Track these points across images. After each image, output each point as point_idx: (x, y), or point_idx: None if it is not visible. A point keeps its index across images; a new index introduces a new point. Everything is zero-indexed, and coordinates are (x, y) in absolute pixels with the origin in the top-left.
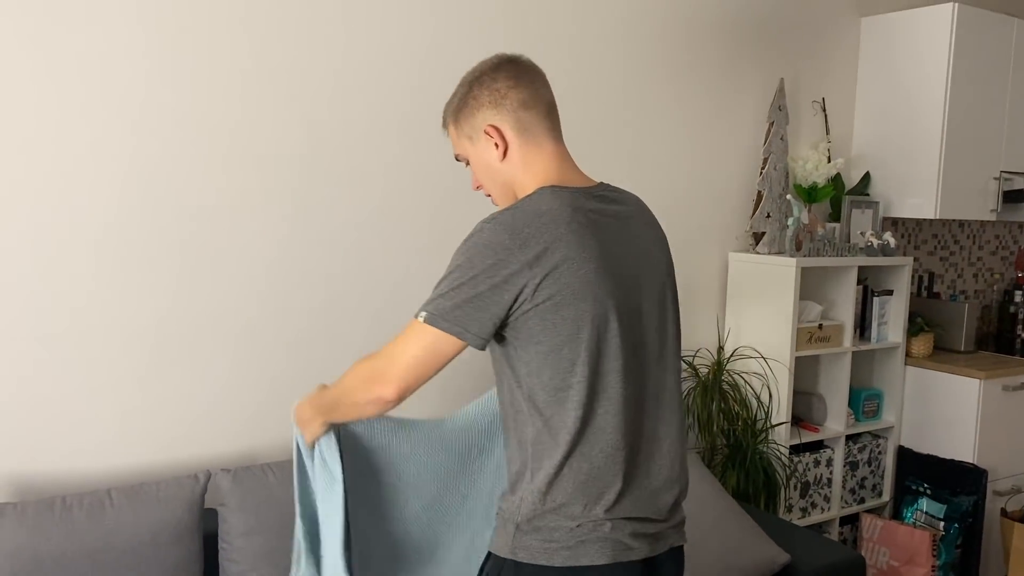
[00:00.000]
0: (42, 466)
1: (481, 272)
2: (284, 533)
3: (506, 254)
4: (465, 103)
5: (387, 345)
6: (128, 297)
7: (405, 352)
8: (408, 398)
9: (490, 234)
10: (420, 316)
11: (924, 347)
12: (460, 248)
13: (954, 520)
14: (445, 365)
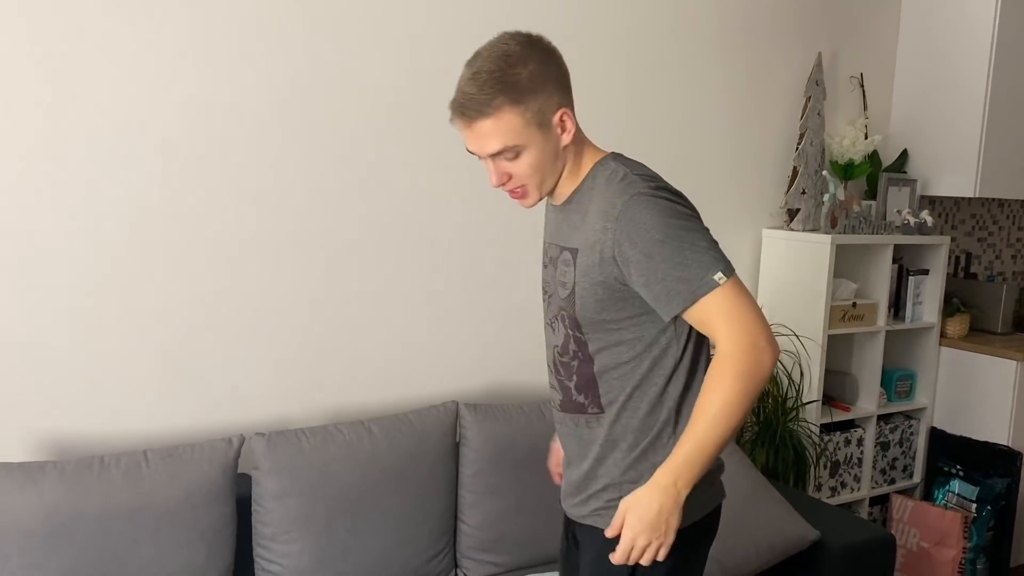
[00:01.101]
0: (81, 427)
1: (696, 223)
2: (316, 497)
3: (690, 206)
4: (532, 83)
5: (723, 331)
6: (168, 264)
7: (746, 312)
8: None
9: (666, 196)
10: (718, 279)
11: (959, 328)
12: (652, 223)
13: (986, 502)
14: None
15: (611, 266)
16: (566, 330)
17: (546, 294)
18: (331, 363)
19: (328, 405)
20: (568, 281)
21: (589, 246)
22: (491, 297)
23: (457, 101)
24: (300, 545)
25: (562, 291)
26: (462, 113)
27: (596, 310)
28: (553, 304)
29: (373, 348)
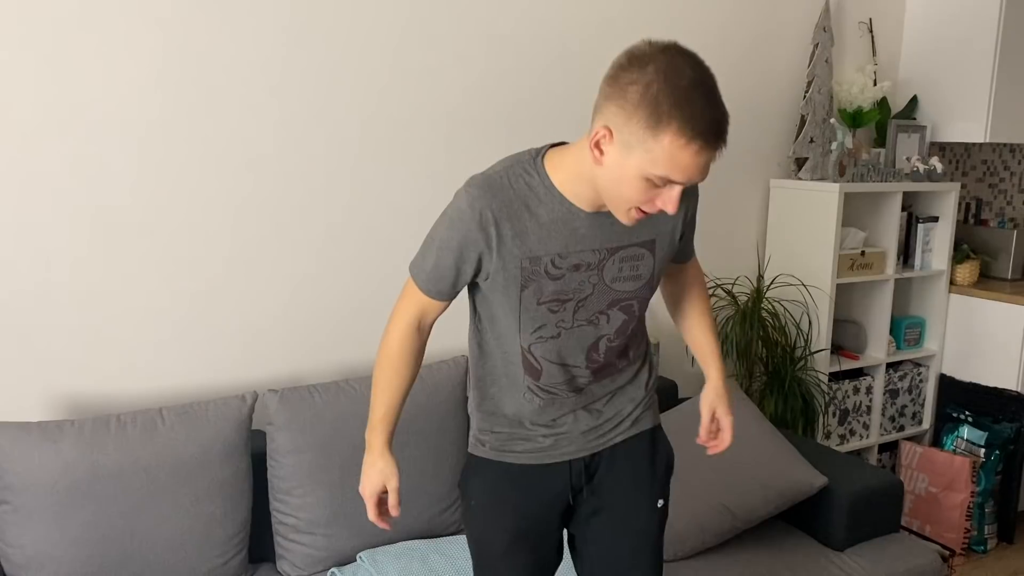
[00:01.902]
0: (97, 386)
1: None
2: (330, 451)
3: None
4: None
5: (696, 261)
6: (183, 225)
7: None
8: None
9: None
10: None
11: (969, 275)
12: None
13: (995, 447)
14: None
15: (679, 235)
16: (628, 315)
17: (571, 301)
18: (342, 321)
19: (339, 362)
20: (644, 272)
21: (668, 231)
22: None
23: (721, 127)
24: (315, 498)
25: (631, 284)
26: (722, 138)
27: (658, 283)
28: (599, 300)
29: (382, 305)
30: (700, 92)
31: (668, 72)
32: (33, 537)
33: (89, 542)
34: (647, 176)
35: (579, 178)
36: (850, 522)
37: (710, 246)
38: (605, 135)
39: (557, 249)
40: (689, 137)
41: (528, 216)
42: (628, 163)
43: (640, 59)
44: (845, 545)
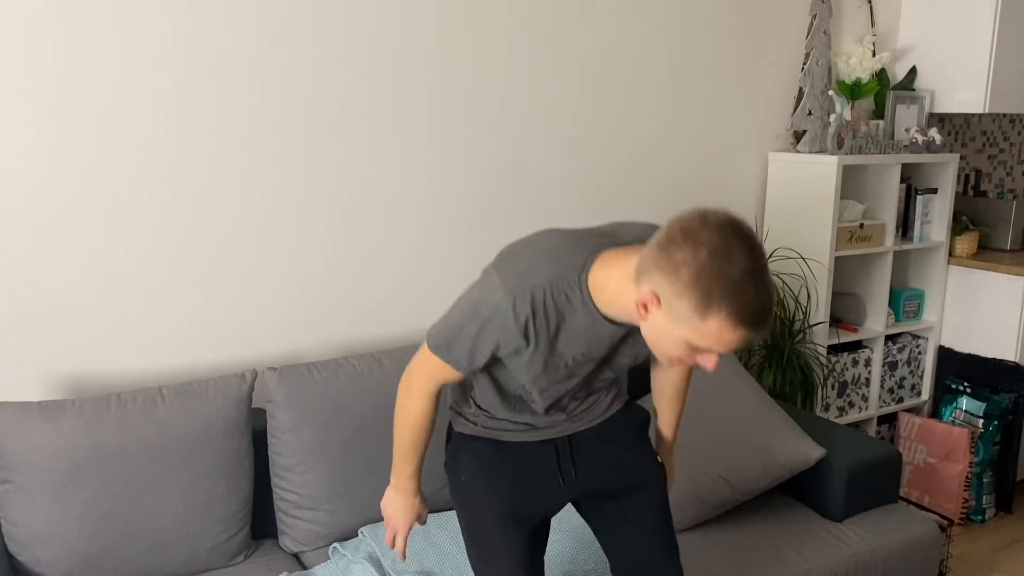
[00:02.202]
0: (96, 366)
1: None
2: (331, 428)
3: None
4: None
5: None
6: (179, 204)
7: None
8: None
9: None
10: None
11: (968, 246)
12: None
13: (993, 418)
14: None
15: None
16: (617, 373)
17: (576, 377)
18: (340, 298)
19: (338, 339)
20: (643, 352)
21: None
22: (498, 231)
23: (767, 313)
24: (316, 475)
25: (628, 359)
26: (767, 322)
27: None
28: (603, 369)
29: (381, 282)
30: (751, 281)
31: (721, 258)
32: (36, 515)
33: (92, 520)
34: (691, 344)
35: (618, 306)
36: (849, 493)
37: None
38: (653, 300)
39: (581, 350)
40: (736, 324)
41: (563, 327)
42: (674, 330)
43: (694, 237)
44: (844, 516)
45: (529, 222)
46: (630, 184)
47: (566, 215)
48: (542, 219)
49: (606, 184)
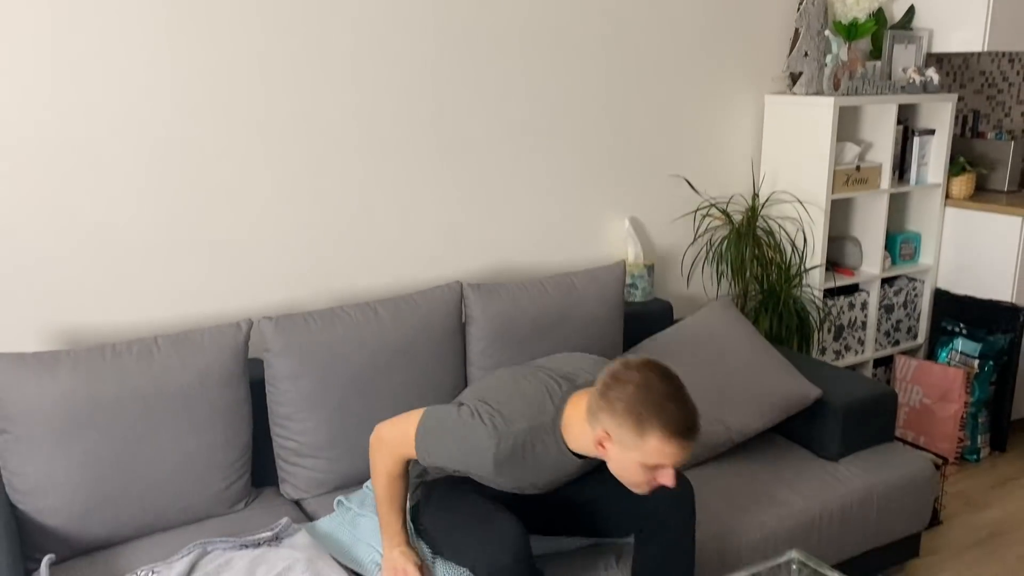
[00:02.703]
0: (90, 317)
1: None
2: (328, 376)
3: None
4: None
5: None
6: (176, 154)
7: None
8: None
9: None
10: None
11: (965, 188)
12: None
13: (989, 358)
14: None
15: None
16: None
17: (539, 491)
18: (335, 249)
19: (333, 290)
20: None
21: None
22: (492, 181)
23: (694, 422)
24: (315, 422)
25: (590, 491)
26: (695, 430)
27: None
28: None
29: (377, 233)
30: (671, 399)
31: (643, 388)
32: (36, 465)
33: (92, 468)
34: (644, 464)
35: (584, 445)
36: (844, 433)
37: (704, 165)
38: (605, 437)
39: (548, 479)
40: (670, 436)
41: (534, 466)
42: (627, 457)
43: (620, 378)
44: (839, 455)
45: (528, 172)
46: (626, 129)
47: (565, 161)
48: (542, 173)
49: (602, 128)
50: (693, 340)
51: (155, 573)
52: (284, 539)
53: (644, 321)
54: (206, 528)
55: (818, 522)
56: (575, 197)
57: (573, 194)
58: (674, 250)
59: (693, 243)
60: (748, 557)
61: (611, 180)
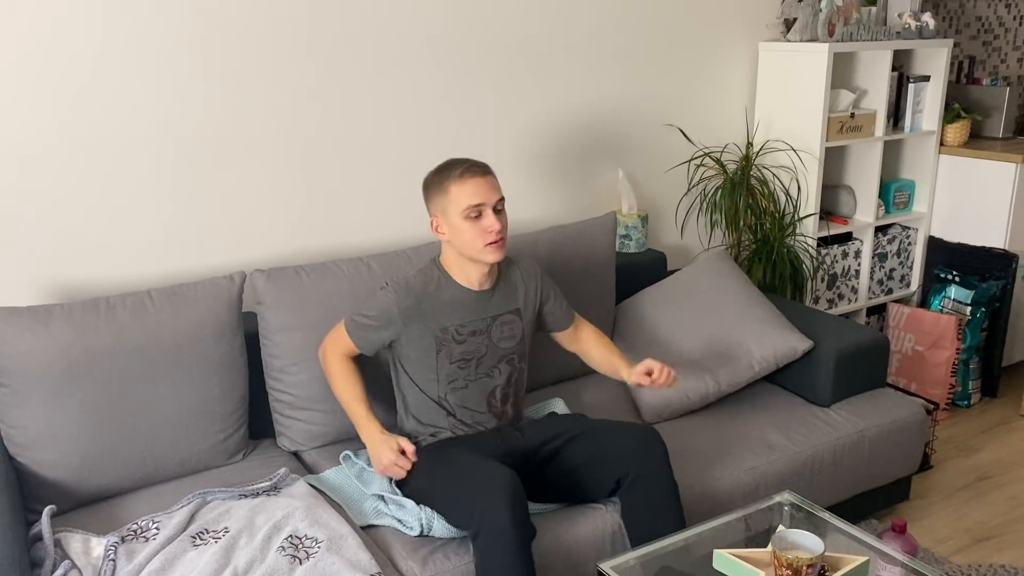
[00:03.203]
0: (83, 271)
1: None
2: (321, 329)
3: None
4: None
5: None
6: (167, 108)
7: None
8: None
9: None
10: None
11: (960, 134)
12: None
13: (981, 305)
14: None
15: (537, 306)
16: (512, 367)
17: (472, 360)
18: (327, 205)
19: (325, 245)
20: (517, 332)
21: (526, 302)
22: (481, 135)
23: (477, 162)
24: (309, 375)
25: (510, 342)
26: (480, 166)
27: (528, 342)
28: (492, 356)
29: (366, 189)
30: (455, 159)
31: (435, 168)
32: (34, 418)
33: (90, 422)
34: (464, 216)
35: (459, 264)
36: (836, 379)
37: (698, 114)
38: (436, 220)
39: (457, 320)
40: (461, 175)
41: (432, 298)
42: (450, 219)
43: (426, 178)
44: (831, 401)
45: (517, 123)
46: (619, 78)
47: (558, 112)
48: (533, 124)
49: (596, 76)
50: (686, 291)
51: (155, 523)
52: (283, 489)
53: (637, 272)
54: (205, 479)
55: (810, 466)
56: (567, 148)
57: (565, 145)
58: (668, 201)
59: (687, 193)
60: (740, 501)
61: (604, 130)
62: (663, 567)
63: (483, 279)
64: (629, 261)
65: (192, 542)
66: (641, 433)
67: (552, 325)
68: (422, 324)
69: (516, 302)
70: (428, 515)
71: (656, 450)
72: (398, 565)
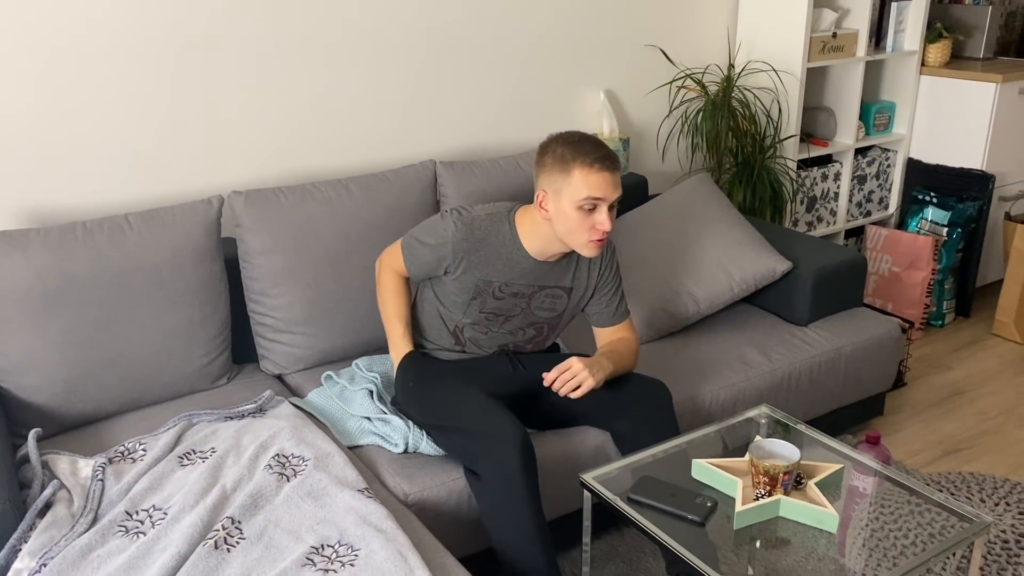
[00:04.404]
0: (59, 197)
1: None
2: (301, 252)
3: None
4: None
5: (631, 326)
6: (143, 32)
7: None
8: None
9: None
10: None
11: (941, 55)
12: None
13: (957, 225)
14: None
15: (592, 292)
16: (537, 332)
17: (503, 316)
18: (304, 127)
19: (304, 168)
20: (559, 307)
21: (584, 284)
22: (461, 56)
23: (609, 153)
24: (290, 298)
25: (547, 313)
26: (613, 160)
27: (569, 318)
28: (522, 319)
29: (346, 111)
30: (588, 141)
31: (564, 141)
32: (15, 344)
33: (71, 346)
34: (578, 206)
35: (535, 234)
36: (814, 299)
37: (679, 34)
38: (542, 195)
39: (503, 278)
40: (589, 165)
41: (486, 247)
42: (563, 205)
43: (548, 146)
44: (809, 320)
45: (498, 46)
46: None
47: (537, 33)
48: (514, 46)
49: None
50: (668, 215)
51: (142, 444)
52: (268, 410)
53: None
54: (190, 402)
55: (787, 382)
56: (548, 70)
57: (546, 67)
58: (649, 124)
59: (668, 116)
60: (718, 415)
61: (585, 51)
62: (643, 477)
63: (552, 254)
64: None
65: (179, 462)
66: (649, 385)
67: (591, 312)
68: (469, 268)
69: (570, 280)
70: (416, 435)
71: (661, 400)
72: (385, 481)
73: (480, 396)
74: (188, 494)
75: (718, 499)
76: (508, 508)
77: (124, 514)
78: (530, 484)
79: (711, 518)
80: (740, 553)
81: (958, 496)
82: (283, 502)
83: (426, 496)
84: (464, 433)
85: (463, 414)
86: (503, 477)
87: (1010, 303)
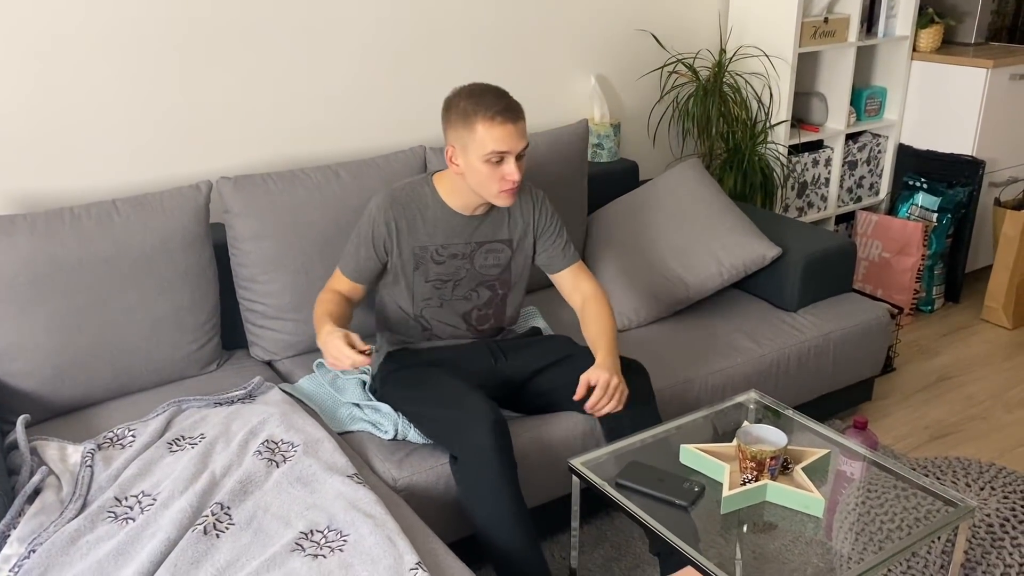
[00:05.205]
0: (46, 182)
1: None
2: (290, 237)
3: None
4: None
5: (591, 276)
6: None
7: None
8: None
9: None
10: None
11: (932, 40)
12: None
13: (947, 211)
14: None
15: (532, 238)
16: (492, 292)
17: (450, 282)
18: (294, 113)
19: (293, 154)
20: (503, 261)
21: (521, 232)
22: (454, 43)
23: (510, 103)
24: (280, 284)
25: (494, 269)
26: (515, 111)
27: (520, 272)
28: (470, 280)
29: (335, 98)
30: (489, 92)
31: (465, 93)
32: (2, 330)
33: (59, 332)
34: (485, 159)
35: (454, 190)
36: (803, 285)
37: (671, 19)
38: (451, 150)
39: (440, 240)
40: (491, 118)
41: (419, 216)
42: (470, 158)
43: (450, 99)
44: (798, 306)
45: (488, 29)
46: None
47: (527, 17)
48: (503, 28)
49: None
50: (658, 201)
51: (131, 430)
52: (257, 396)
53: (609, 182)
54: (179, 389)
55: (776, 368)
56: (539, 55)
57: (537, 52)
58: (640, 109)
59: (659, 101)
60: (708, 400)
61: (576, 36)
62: (632, 462)
63: (476, 207)
64: (601, 170)
65: (169, 448)
66: (624, 366)
67: (543, 262)
68: (401, 239)
69: (506, 232)
70: (405, 422)
71: (640, 383)
72: (375, 467)
73: (454, 380)
74: (177, 480)
75: (706, 484)
76: (484, 486)
77: (113, 500)
78: (504, 462)
79: (698, 503)
80: (728, 537)
81: (944, 481)
82: (272, 488)
83: (415, 482)
84: (439, 416)
85: (437, 398)
86: (476, 455)
87: (999, 289)
